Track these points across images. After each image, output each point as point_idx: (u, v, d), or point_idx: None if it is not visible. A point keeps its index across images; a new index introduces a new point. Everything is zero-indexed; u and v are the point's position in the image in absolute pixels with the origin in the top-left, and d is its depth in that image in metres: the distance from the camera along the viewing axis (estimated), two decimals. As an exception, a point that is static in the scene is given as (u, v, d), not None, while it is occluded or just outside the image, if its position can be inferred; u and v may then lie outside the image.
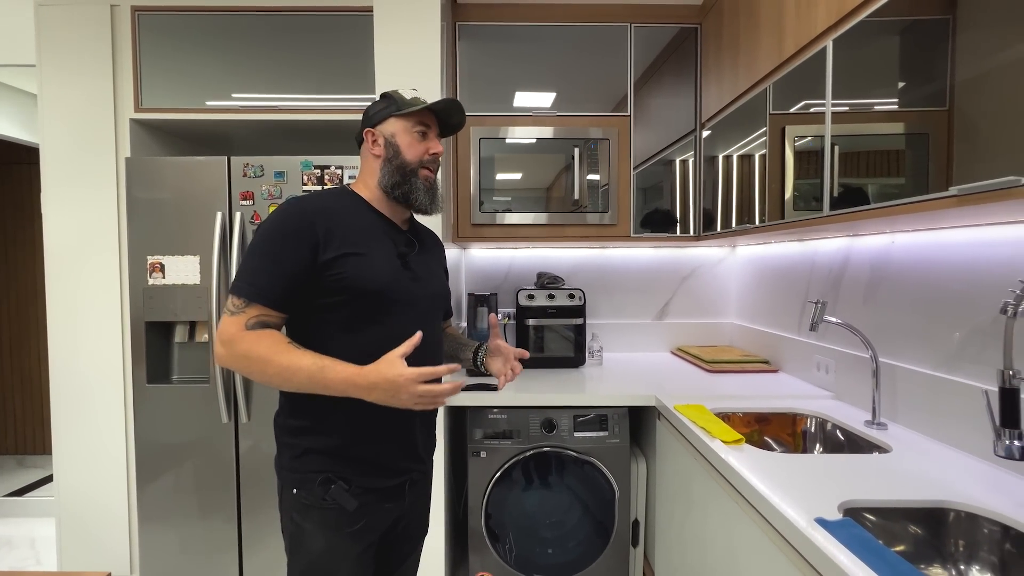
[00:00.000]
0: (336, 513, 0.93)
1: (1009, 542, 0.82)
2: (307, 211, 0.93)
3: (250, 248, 0.93)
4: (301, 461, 0.94)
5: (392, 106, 1.02)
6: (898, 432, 1.23)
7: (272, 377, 0.87)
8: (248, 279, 0.90)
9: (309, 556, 0.94)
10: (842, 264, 1.53)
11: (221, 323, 0.89)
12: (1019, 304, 0.81)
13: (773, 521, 0.85)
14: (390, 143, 1.01)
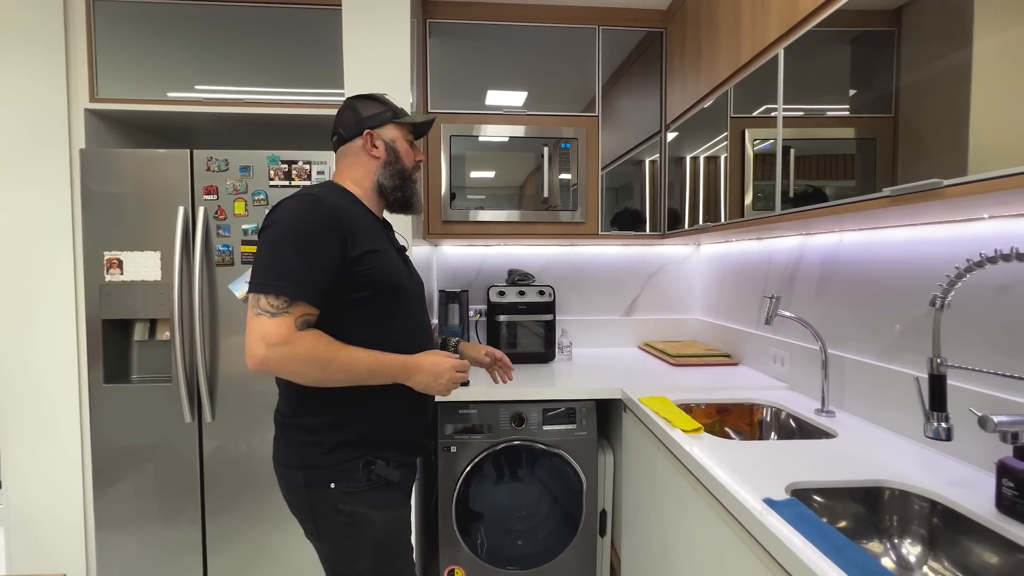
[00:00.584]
0: (385, 488, 1.00)
1: (936, 516, 0.89)
2: (330, 207, 0.94)
3: (274, 245, 0.90)
4: (333, 455, 0.97)
5: (389, 112, 1.08)
6: (844, 419, 1.30)
7: (332, 373, 0.90)
8: (288, 277, 0.87)
9: (375, 533, 0.99)
10: (796, 261, 1.61)
11: (261, 325, 0.86)
12: (946, 297, 0.88)
13: (725, 502, 0.90)
14: (391, 147, 1.07)
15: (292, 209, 0.92)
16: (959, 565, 0.85)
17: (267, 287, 0.87)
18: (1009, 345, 0.94)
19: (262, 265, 0.90)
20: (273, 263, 0.89)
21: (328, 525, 0.98)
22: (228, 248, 1.59)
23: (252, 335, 0.87)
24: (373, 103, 1.08)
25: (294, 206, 0.93)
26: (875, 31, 1.00)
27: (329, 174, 1.60)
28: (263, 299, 0.87)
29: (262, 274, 0.89)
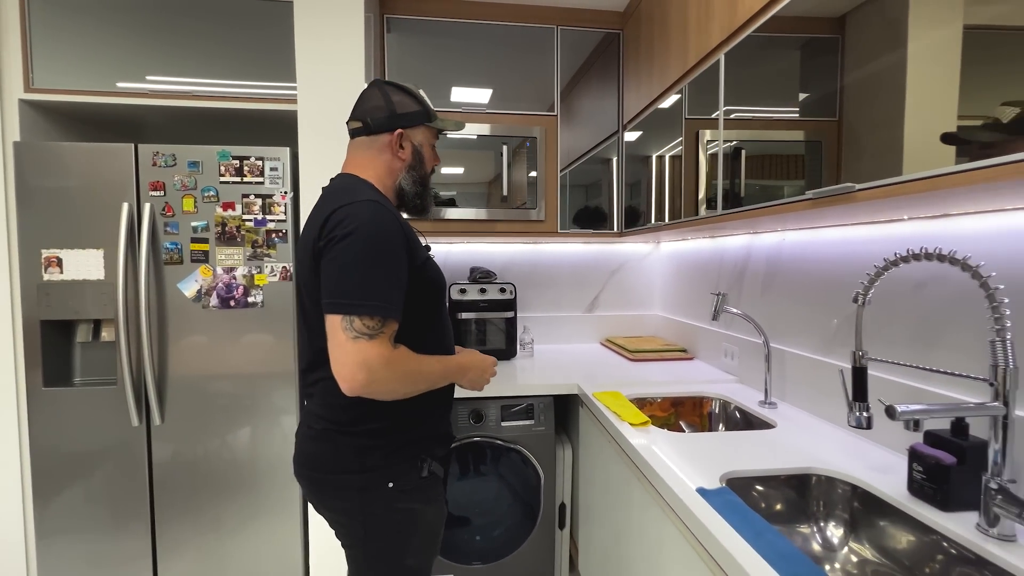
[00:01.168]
0: (433, 483, 1.03)
1: (857, 500, 0.94)
2: (394, 216, 0.93)
3: (357, 260, 0.85)
4: (398, 455, 0.99)
5: (423, 113, 1.03)
6: (785, 410, 1.36)
7: (419, 385, 0.94)
8: (380, 296, 0.85)
9: (426, 528, 1.03)
10: (744, 259, 1.67)
11: (358, 350, 0.83)
12: (867, 295, 0.93)
13: (662, 492, 0.94)
14: (417, 151, 1.04)
15: (366, 221, 0.87)
16: (876, 545, 0.90)
17: (361, 308, 0.84)
18: (927, 336, 1.01)
19: (349, 283, 0.85)
20: (362, 281, 0.85)
21: (380, 524, 0.98)
22: (177, 246, 1.54)
23: (351, 360, 0.83)
24: (409, 99, 1.02)
25: (366, 216, 0.88)
26: (821, 37, 1.04)
27: (282, 170, 1.57)
28: (357, 321, 0.83)
29: (352, 294, 0.84)
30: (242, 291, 1.57)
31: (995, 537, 0.73)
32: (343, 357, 0.84)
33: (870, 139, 0.88)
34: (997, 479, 0.73)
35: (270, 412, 1.62)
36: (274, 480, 1.63)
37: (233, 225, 1.56)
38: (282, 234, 1.59)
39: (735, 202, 1.26)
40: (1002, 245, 0.87)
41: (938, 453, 0.82)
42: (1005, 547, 0.71)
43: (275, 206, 1.57)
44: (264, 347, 1.60)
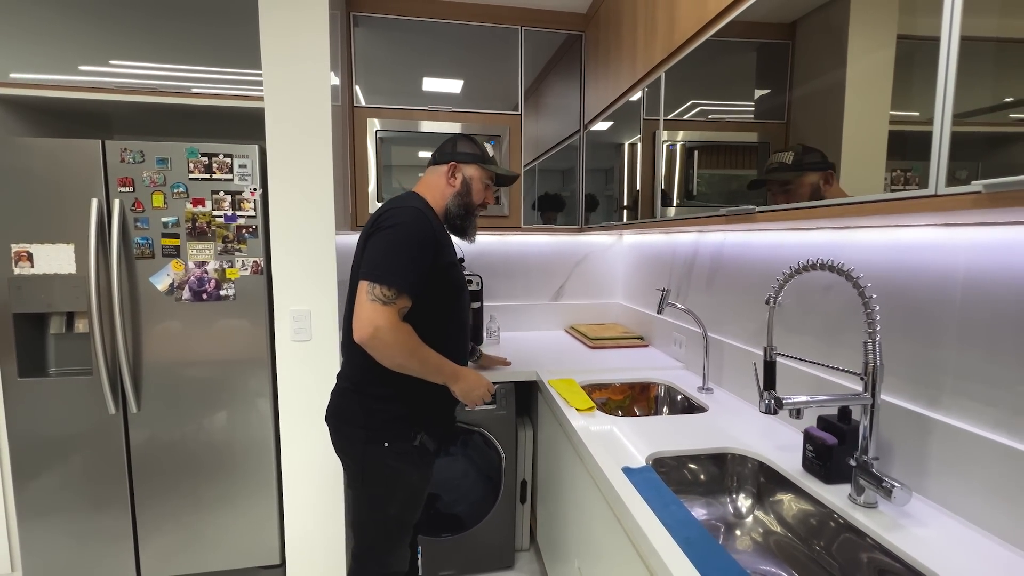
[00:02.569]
0: (423, 454, 1.25)
1: (762, 475, 1.09)
2: (431, 224, 1.18)
3: (388, 247, 1.11)
4: (397, 422, 1.21)
5: (479, 156, 1.31)
6: (720, 395, 1.51)
7: (411, 363, 1.13)
8: (399, 274, 1.09)
9: (410, 487, 1.25)
10: (693, 255, 1.79)
11: (372, 310, 1.07)
12: (777, 297, 1.05)
13: (593, 472, 1.07)
14: (466, 182, 1.30)
15: (405, 220, 1.14)
16: (775, 513, 1.05)
17: (383, 279, 1.08)
18: (832, 331, 1.14)
19: (379, 260, 1.10)
20: (389, 261, 1.10)
21: (374, 475, 1.21)
22: (148, 241, 1.59)
23: (365, 316, 1.07)
24: (469, 143, 1.31)
25: (407, 217, 1.14)
26: (774, 43, 1.11)
27: (251, 167, 1.62)
28: (378, 288, 1.08)
29: (379, 267, 1.09)
30: (214, 284, 1.63)
31: (861, 505, 0.88)
32: (361, 312, 1.09)
33: (814, 145, 0.95)
34: (862, 457, 0.88)
35: (244, 397, 1.70)
36: (249, 461, 1.73)
37: (203, 221, 1.61)
38: (252, 229, 1.64)
39: (688, 198, 1.36)
40: (887, 255, 1.00)
41: (824, 435, 0.96)
42: (868, 513, 0.86)
43: (245, 202, 1.62)
44: (237, 337, 1.67)
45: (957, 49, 0.58)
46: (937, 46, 0.62)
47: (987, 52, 0.59)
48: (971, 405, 0.84)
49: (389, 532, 1.26)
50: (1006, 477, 0.77)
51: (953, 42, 0.59)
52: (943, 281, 0.88)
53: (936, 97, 0.61)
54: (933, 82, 0.63)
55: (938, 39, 0.62)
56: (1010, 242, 0.78)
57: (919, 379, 0.93)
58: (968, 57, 0.59)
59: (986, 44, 0.59)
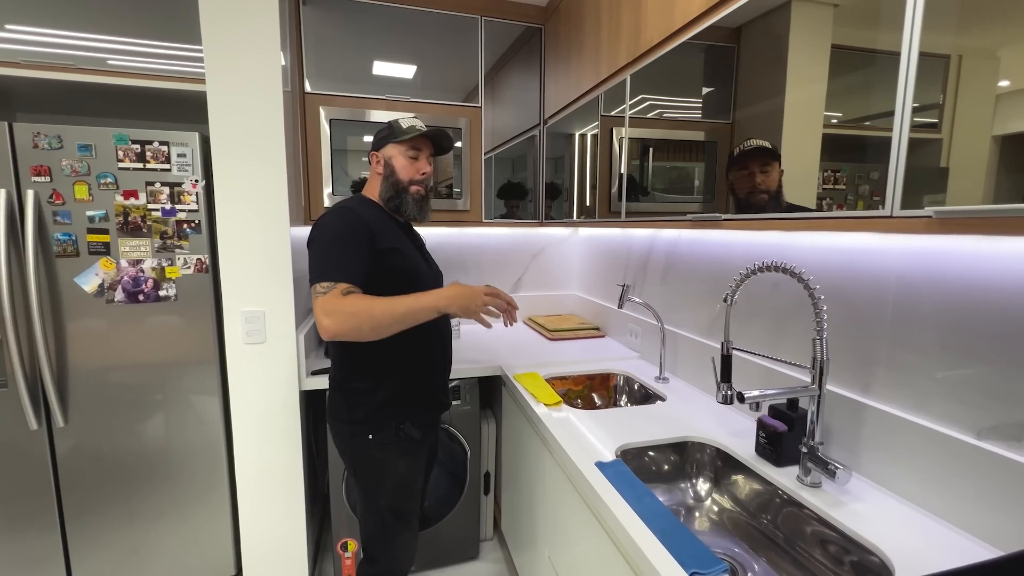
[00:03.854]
0: (409, 443, 1.27)
1: (719, 460, 1.17)
2: (360, 215, 1.19)
3: (321, 248, 1.15)
4: (376, 413, 1.23)
5: (391, 134, 1.28)
6: (676, 384, 1.60)
7: (378, 316, 1.09)
8: (333, 267, 1.12)
9: (397, 476, 1.27)
10: (648, 250, 1.86)
11: (318, 304, 1.09)
12: (734, 295, 1.12)
13: (567, 467, 1.10)
14: (388, 164, 1.29)
15: (328, 220, 1.17)
16: (732, 495, 1.14)
17: (321, 277, 1.12)
18: (780, 325, 1.24)
19: (315, 264, 1.14)
20: (323, 260, 1.13)
21: (363, 467, 1.26)
22: (70, 237, 1.43)
23: (317, 311, 1.08)
24: (384, 128, 1.30)
25: (329, 217, 1.18)
26: (721, 46, 1.16)
27: (191, 156, 1.50)
28: (318, 285, 1.11)
29: (315, 270, 1.13)
30: (152, 284, 1.50)
31: (807, 485, 0.97)
32: (315, 312, 1.10)
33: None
34: (809, 442, 0.97)
35: (190, 402, 1.59)
36: (197, 468, 1.63)
37: (137, 215, 1.47)
38: (195, 224, 1.52)
39: (643, 193, 1.41)
40: (829, 257, 1.09)
41: (775, 423, 1.05)
42: (813, 492, 0.95)
43: (185, 195, 1.50)
44: (179, 340, 1.56)
45: (916, 68, 0.64)
46: (864, 56, 0.68)
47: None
48: (896, 391, 0.95)
49: (385, 523, 1.29)
50: (924, 454, 0.88)
51: (912, 63, 0.65)
52: (878, 283, 0.98)
53: (894, 122, 0.67)
54: (862, 89, 0.70)
55: (869, 51, 0.69)
56: (932, 249, 0.88)
57: (855, 369, 1.03)
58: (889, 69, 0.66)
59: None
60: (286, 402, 1.56)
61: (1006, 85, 0.58)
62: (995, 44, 0.59)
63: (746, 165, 1.01)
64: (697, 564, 0.74)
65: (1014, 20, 0.57)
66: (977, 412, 0.82)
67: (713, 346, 1.48)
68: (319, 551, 1.95)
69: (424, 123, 1.92)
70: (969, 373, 0.83)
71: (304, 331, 1.64)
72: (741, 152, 1.02)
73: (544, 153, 2.10)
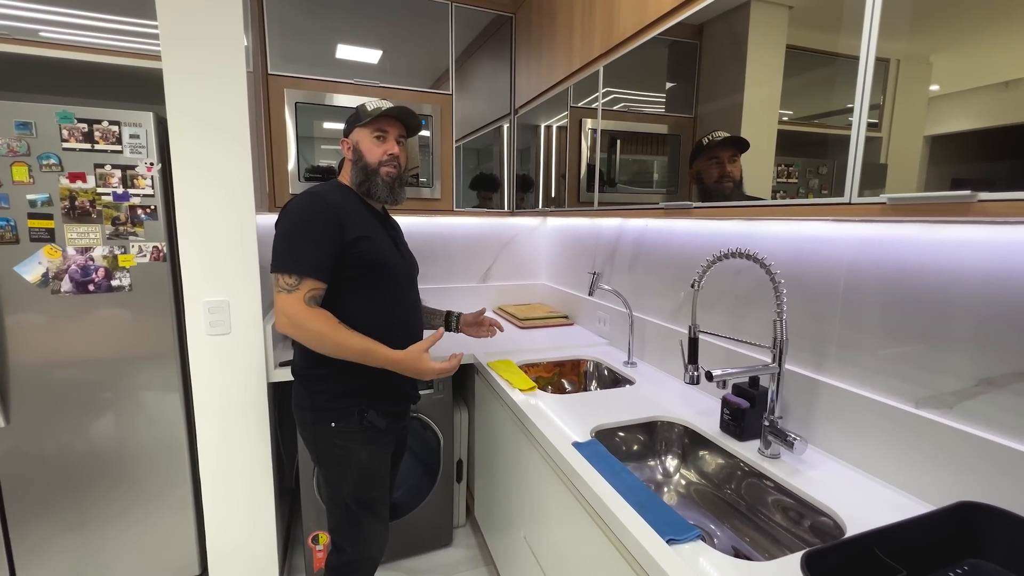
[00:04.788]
0: (373, 432, 1.26)
1: (687, 437, 1.24)
2: (329, 203, 1.17)
3: (285, 235, 1.13)
4: (337, 401, 1.22)
5: (357, 119, 1.26)
6: (644, 368, 1.66)
7: (327, 348, 1.13)
8: (298, 258, 1.10)
9: (359, 465, 1.26)
10: (616, 239, 1.92)
11: (281, 300, 1.10)
12: (701, 281, 1.18)
13: (545, 448, 1.14)
14: (356, 149, 1.27)
15: (297, 205, 1.16)
16: (699, 470, 1.21)
17: (281, 267, 1.11)
18: (741, 309, 1.31)
19: (278, 250, 1.13)
20: (286, 249, 1.12)
21: (325, 455, 1.25)
22: (8, 223, 1.32)
23: (278, 307, 1.11)
24: (353, 114, 1.28)
25: (299, 203, 1.16)
26: (684, 42, 1.20)
27: (145, 138, 1.41)
28: (280, 278, 1.11)
29: (278, 257, 1.12)
30: (103, 274, 1.42)
31: (768, 456, 1.05)
32: (275, 304, 1.13)
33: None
34: (770, 416, 1.04)
35: (147, 397, 1.52)
36: (156, 466, 1.56)
37: (85, 199, 1.38)
38: (151, 210, 1.44)
39: (611, 184, 1.45)
40: (788, 245, 1.17)
41: (738, 400, 1.12)
42: (773, 463, 1.03)
43: (139, 179, 1.42)
44: (135, 332, 1.48)
45: (872, 69, 0.70)
46: (815, 57, 0.74)
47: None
48: (846, 368, 1.03)
49: (348, 511, 1.29)
50: (870, 423, 0.97)
51: (870, 62, 0.70)
52: (831, 269, 1.06)
53: (854, 115, 0.73)
54: (814, 88, 0.76)
55: (821, 52, 0.74)
56: (879, 238, 0.96)
57: (810, 349, 1.11)
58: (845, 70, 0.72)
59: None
60: (253, 394, 1.52)
61: (936, 89, 0.65)
62: (927, 50, 0.65)
63: (716, 155, 1.06)
64: (673, 531, 0.79)
65: (944, 28, 0.63)
66: (915, 384, 0.91)
67: (679, 331, 1.55)
68: (288, 545, 1.91)
69: (393, 108, 1.89)
70: (908, 350, 0.92)
71: (272, 321, 1.59)
72: (711, 142, 1.07)
73: (515, 143, 2.11)
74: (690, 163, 1.15)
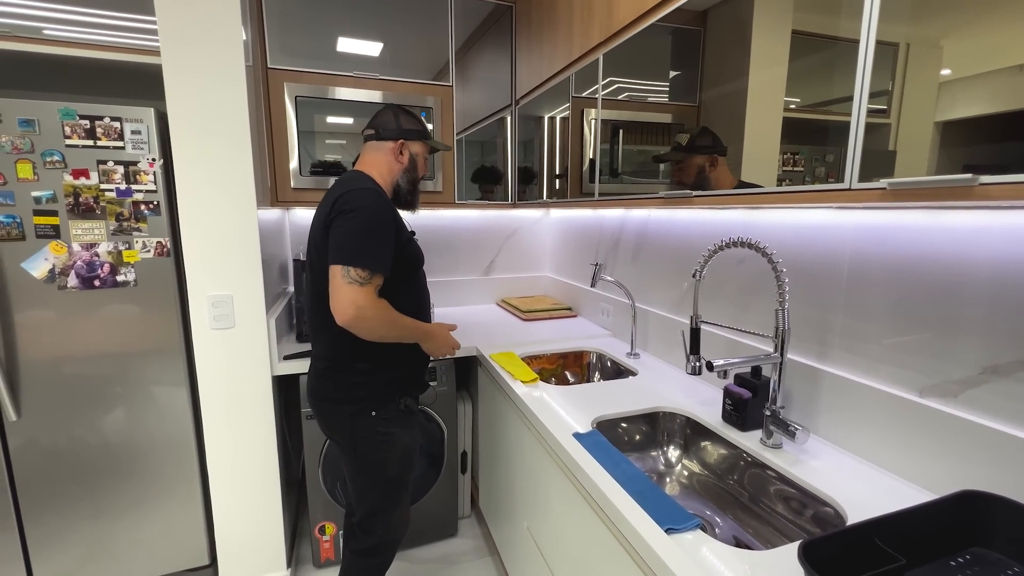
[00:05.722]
0: (408, 416, 1.34)
1: (689, 428, 1.24)
2: (389, 203, 1.24)
3: (357, 230, 1.15)
4: (380, 391, 1.28)
5: (423, 132, 1.35)
6: (647, 359, 1.66)
7: (393, 331, 1.22)
8: (372, 255, 1.14)
9: (402, 448, 1.32)
10: (619, 230, 1.91)
11: (351, 292, 1.12)
12: (702, 271, 1.17)
13: (546, 439, 1.14)
14: (413, 159, 1.34)
15: (369, 202, 1.18)
16: (700, 460, 1.21)
17: (357, 261, 1.13)
18: (743, 299, 1.30)
19: (351, 244, 1.14)
20: (361, 243, 1.14)
21: (366, 443, 1.28)
22: (15, 219, 1.34)
23: (344, 299, 1.12)
24: (412, 119, 1.34)
25: (371, 200, 1.18)
26: (688, 29, 1.18)
27: (147, 134, 1.42)
28: (353, 270, 1.13)
29: (352, 251, 1.13)
30: (108, 269, 1.43)
31: (769, 447, 1.04)
32: (339, 295, 1.13)
33: (720, 130, 1.05)
34: (772, 407, 1.03)
35: (154, 391, 1.54)
36: (165, 459, 1.58)
37: (89, 196, 1.39)
38: (153, 206, 1.45)
39: (613, 175, 1.44)
40: (790, 234, 1.15)
41: (740, 390, 1.12)
42: (775, 453, 1.02)
43: (142, 175, 1.42)
44: (141, 327, 1.49)
45: (873, 53, 0.68)
46: (822, 42, 0.72)
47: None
48: (849, 357, 1.02)
49: (389, 493, 1.34)
50: (873, 413, 0.96)
51: (870, 48, 0.69)
52: (834, 257, 1.04)
53: (854, 99, 0.71)
54: (820, 74, 0.74)
55: (827, 37, 0.72)
56: (882, 224, 0.95)
57: (813, 338, 1.10)
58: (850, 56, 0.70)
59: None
60: (258, 388, 1.53)
61: (947, 74, 0.63)
62: (939, 34, 0.63)
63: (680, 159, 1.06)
64: (672, 520, 0.79)
65: (956, 10, 0.62)
66: (919, 373, 0.90)
67: (682, 322, 1.54)
68: (296, 536, 1.93)
69: (391, 101, 1.90)
70: (913, 339, 0.90)
71: (275, 315, 1.60)
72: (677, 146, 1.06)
73: (516, 135, 2.09)
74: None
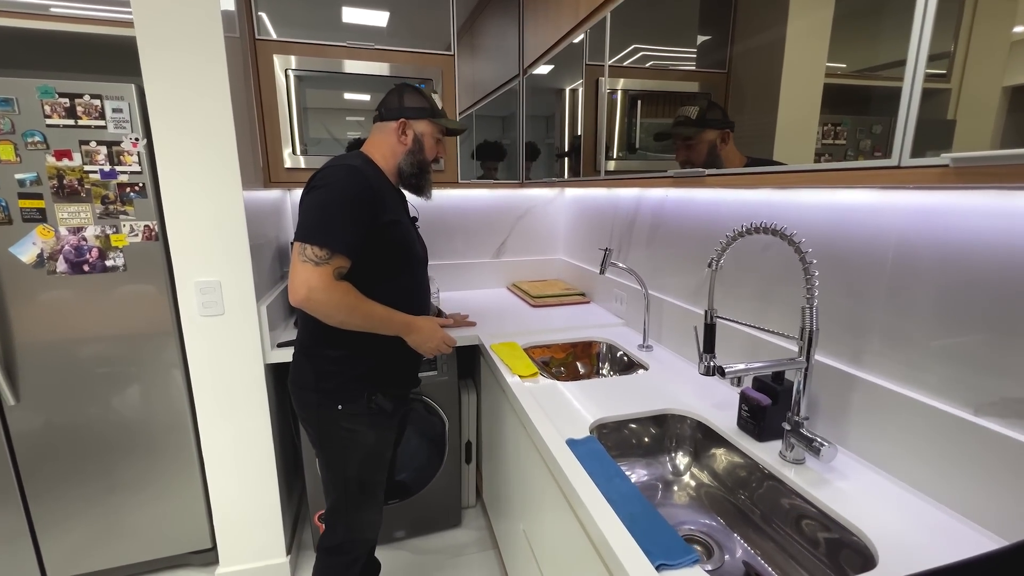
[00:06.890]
0: (380, 415, 1.23)
1: (700, 433, 1.12)
2: (369, 181, 1.12)
3: (320, 206, 1.07)
4: (349, 384, 1.19)
5: (428, 110, 1.24)
6: (660, 352, 1.53)
7: (354, 318, 1.11)
8: (333, 234, 1.05)
9: (365, 448, 1.23)
10: (634, 211, 1.76)
11: (305, 271, 1.04)
12: (720, 260, 1.03)
13: (537, 443, 1.04)
14: (418, 139, 1.24)
15: (339, 177, 1.09)
16: (710, 470, 1.09)
17: (315, 239, 1.05)
18: (767, 291, 1.16)
19: (311, 220, 1.06)
20: (320, 219, 1.06)
21: (328, 437, 1.21)
22: (0, 203, 1.31)
23: (298, 277, 1.05)
24: (417, 96, 1.24)
25: (342, 175, 1.09)
26: None
27: (128, 112, 1.35)
28: (309, 248, 1.05)
29: (311, 227, 1.05)
30: (97, 254, 1.39)
31: (790, 462, 0.91)
32: (293, 274, 1.06)
33: (753, 103, 0.90)
34: (794, 417, 0.90)
35: (149, 374, 1.52)
36: (165, 441, 1.57)
37: (73, 178, 1.34)
38: (139, 187, 1.40)
39: (631, 151, 1.30)
40: (825, 216, 1.00)
41: (759, 396, 0.99)
42: (796, 470, 0.90)
43: (126, 155, 1.37)
44: (134, 311, 1.46)
45: (934, 13, 0.53)
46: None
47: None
48: (888, 363, 0.88)
49: (350, 493, 1.26)
50: (916, 429, 0.82)
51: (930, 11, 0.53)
52: (877, 243, 0.89)
53: (907, 65, 0.56)
54: (867, 38, 0.59)
55: None
56: (936, 206, 0.79)
57: (847, 337, 0.96)
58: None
59: None
60: (251, 375, 1.49)
61: (1021, 31, 0.48)
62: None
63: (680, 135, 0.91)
64: (665, 554, 0.68)
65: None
66: (975, 386, 0.75)
67: (699, 313, 1.40)
68: (298, 522, 1.93)
69: (389, 72, 1.78)
70: (968, 343, 0.75)
71: (267, 302, 1.54)
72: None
73: (524, 107, 1.94)
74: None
